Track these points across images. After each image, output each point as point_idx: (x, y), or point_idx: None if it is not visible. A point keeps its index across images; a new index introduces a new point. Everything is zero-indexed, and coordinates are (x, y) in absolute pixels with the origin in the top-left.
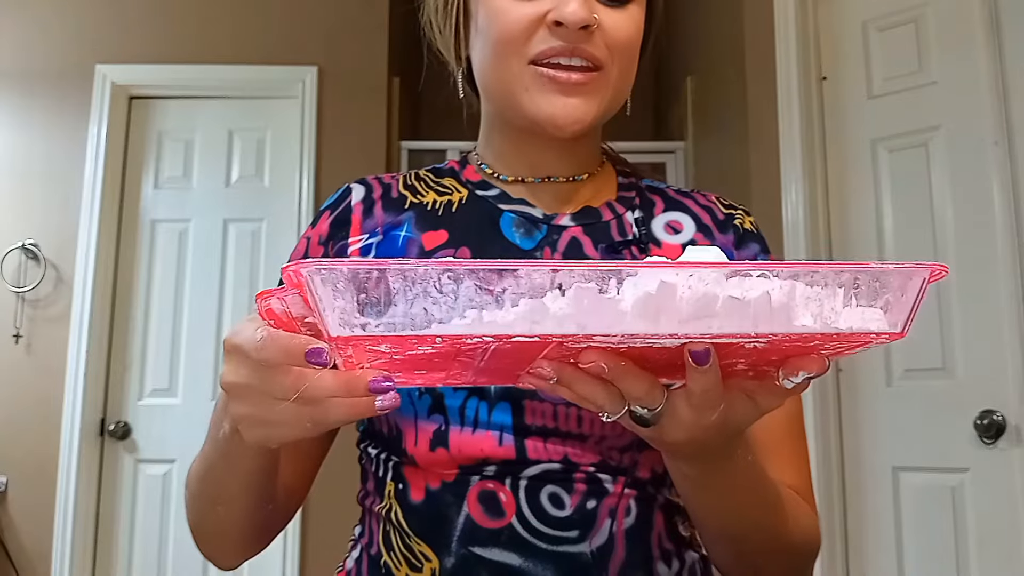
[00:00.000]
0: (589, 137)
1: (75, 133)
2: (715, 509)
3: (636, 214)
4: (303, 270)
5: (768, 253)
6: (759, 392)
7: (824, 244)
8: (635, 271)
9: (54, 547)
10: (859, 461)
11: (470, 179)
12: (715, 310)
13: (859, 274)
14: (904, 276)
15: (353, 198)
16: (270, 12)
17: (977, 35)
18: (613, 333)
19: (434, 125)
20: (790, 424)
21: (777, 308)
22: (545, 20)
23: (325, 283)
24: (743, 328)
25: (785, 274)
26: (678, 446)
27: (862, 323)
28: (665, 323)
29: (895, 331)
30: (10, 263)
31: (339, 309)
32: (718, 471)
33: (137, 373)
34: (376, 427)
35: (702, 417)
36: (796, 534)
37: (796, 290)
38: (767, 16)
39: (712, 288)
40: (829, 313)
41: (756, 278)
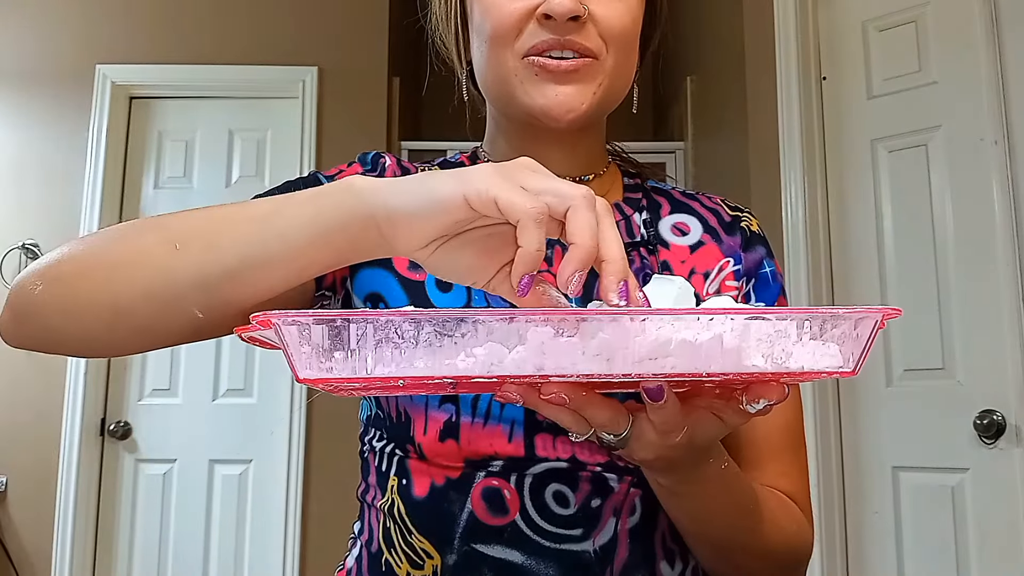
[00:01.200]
0: (592, 135)
1: (75, 133)
2: (690, 515)
3: (644, 216)
4: (274, 319)
5: (772, 256)
6: (725, 411)
7: (824, 244)
8: (590, 317)
9: (54, 547)
10: (859, 461)
11: None
12: (669, 351)
13: (810, 319)
14: (855, 319)
15: (387, 162)
16: (270, 12)
17: (977, 35)
18: (568, 374)
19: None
20: (789, 432)
21: (729, 349)
22: (535, 14)
23: (292, 331)
24: (696, 368)
25: (739, 318)
26: (647, 463)
27: (813, 362)
28: (620, 364)
29: (847, 369)
30: (10, 263)
31: (306, 354)
32: (690, 480)
33: (137, 373)
34: (383, 414)
35: (666, 439)
36: (779, 539)
37: (749, 331)
38: (767, 16)
39: (665, 332)
40: (780, 353)
41: (709, 321)
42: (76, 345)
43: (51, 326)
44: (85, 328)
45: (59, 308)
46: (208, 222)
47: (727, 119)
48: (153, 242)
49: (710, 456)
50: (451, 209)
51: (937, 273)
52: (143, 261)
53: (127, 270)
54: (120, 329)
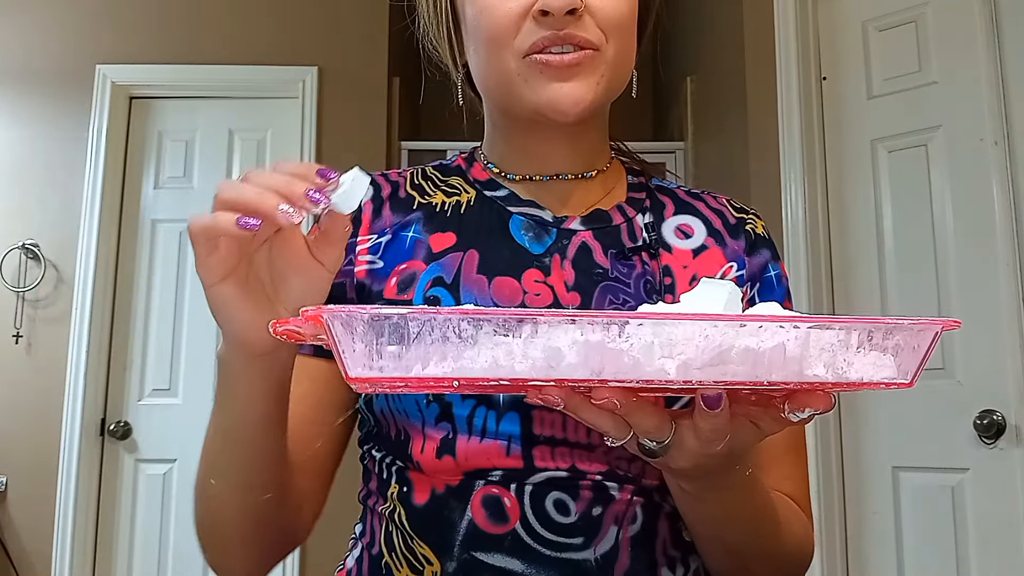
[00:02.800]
0: (593, 130)
1: (75, 133)
2: (711, 519)
3: (647, 218)
4: (323, 315)
5: (778, 259)
6: (763, 419)
7: (824, 244)
8: (652, 321)
9: (54, 547)
10: (859, 461)
11: (478, 178)
12: (730, 358)
13: (873, 328)
14: (916, 330)
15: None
16: (270, 12)
17: (977, 35)
18: (628, 379)
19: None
20: (791, 435)
21: (791, 358)
22: (531, 12)
23: (345, 327)
24: (757, 376)
25: (803, 326)
26: (683, 471)
27: (872, 373)
28: (680, 370)
29: (904, 381)
30: (10, 263)
31: (358, 352)
32: (716, 487)
33: (137, 373)
34: (382, 431)
35: (708, 448)
36: (790, 542)
37: (810, 340)
38: (767, 16)
39: (728, 337)
40: (841, 363)
41: (774, 328)
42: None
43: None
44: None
45: (224, 567)
46: (206, 443)
47: (727, 119)
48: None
49: (740, 463)
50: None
51: (937, 273)
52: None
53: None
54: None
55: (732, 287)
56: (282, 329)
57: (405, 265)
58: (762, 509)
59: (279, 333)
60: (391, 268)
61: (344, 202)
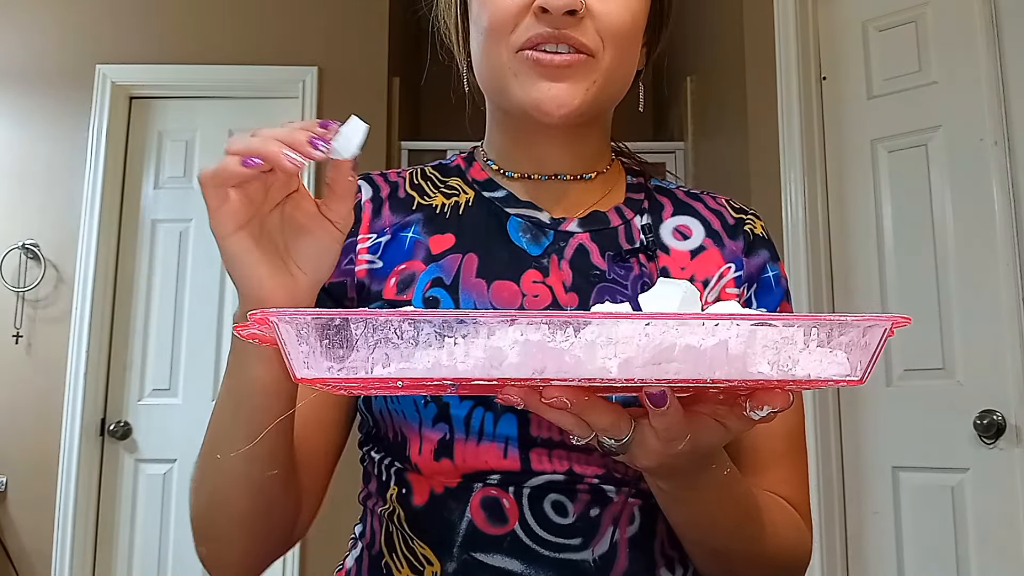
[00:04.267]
0: (594, 132)
1: (75, 133)
2: (691, 520)
3: (644, 219)
4: (271, 317)
5: (777, 260)
6: (728, 417)
7: (824, 244)
8: (592, 321)
9: (54, 547)
10: (859, 461)
11: (476, 179)
12: (672, 356)
13: (817, 326)
14: (864, 327)
15: (362, 196)
16: (270, 12)
17: (977, 35)
18: (570, 378)
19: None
20: (790, 439)
21: (734, 356)
22: (532, 8)
23: (290, 329)
24: (699, 374)
25: (745, 324)
26: (650, 470)
27: (820, 369)
28: (622, 368)
29: (854, 378)
30: (10, 263)
31: (303, 353)
32: (692, 487)
33: (137, 373)
34: (380, 432)
35: (668, 447)
36: (776, 545)
37: (755, 338)
38: (767, 16)
39: (669, 336)
40: (786, 360)
41: (714, 327)
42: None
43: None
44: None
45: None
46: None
47: (727, 119)
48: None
49: (713, 462)
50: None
51: (937, 273)
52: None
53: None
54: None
55: (688, 286)
56: (247, 333)
57: (404, 265)
58: (744, 511)
59: (246, 336)
60: (390, 268)
61: (344, 147)
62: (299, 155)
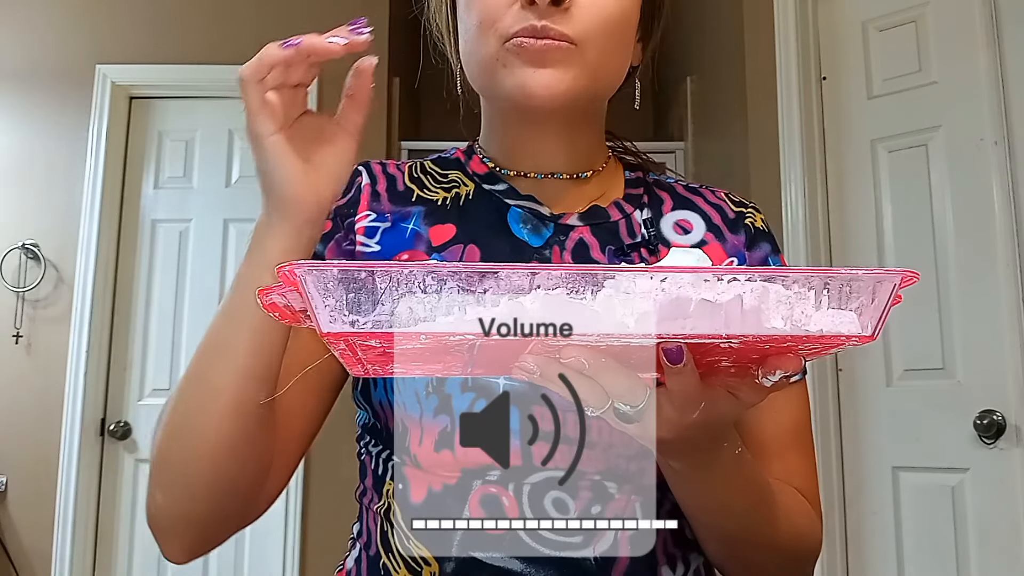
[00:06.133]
0: (588, 128)
1: (75, 133)
2: (703, 503)
3: (645, 214)
4: (296, 270)
5: (778, 252)
6: (740, 388)
7: (824, 244)
8: (611, 275)
9: (54, 547)
10: (859, 461)
11: (476, 172)
12: (688, 312)
13: (830, 279)
14: (874, 281)
15: (362, 179)
16: (270, 12)
17: (977, 35)
18: (589, 333)
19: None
20: (798, 429)
21: (748, 311)
22: (519, 0)
23: (317, 283)
24: (715, 329)
25: (758, 278)
26: (665, 443)
27: (832, 326)
28: (640, 324)
29: (865, 334)
30: (10, 263)
31: (329, 307)
32: (705, 466)
33: (137, 373)
34: (379, 423)
35: (684, 415)
36: (789, 532)
37: (768, 293)
38: (767, 16)
39: (685, 291)
40: (800, 316)
41: (728, 282)
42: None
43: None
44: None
45: (175, 512)
46: (206, 340)
47: (727, 119)
48: (189, 394)
49: (725, 440)
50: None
51: (937, 273)
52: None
53: (199, 430)
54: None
55: (700, 254)
56: (269, 300)
57: (407, 256)
58: (757, 494)
59: (266, 306)
60: (391, 255)
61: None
62: (343, 39)
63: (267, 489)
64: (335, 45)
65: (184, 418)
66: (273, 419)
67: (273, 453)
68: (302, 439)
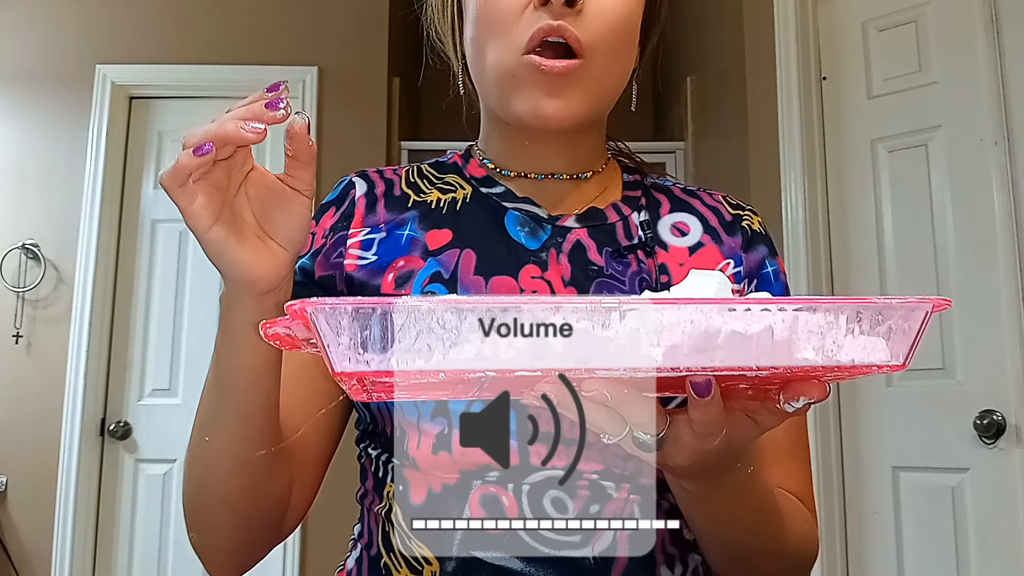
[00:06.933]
0: (590, 134)
1: (75, 133)
2: (715, 520)
3: (642, 216)
4: (308, 308)
5: (775, 255)
6: (760, 412)
7: (824, 244)
8: (637, 307)
9: (54, 547)
10: (859, 461)
11: (474, 175)
12: (717, 343)
13: (862, 308)
14: (907, 309)
15: (356, 191)
16: (270, 12)
17: (977, 35)
18: (615, 367)
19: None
20: (793, 433)
21: (779, 342)
22: (531, 1)
23: (329, 321)
24: (745, 361)
25: (789, 308)
26: (681, 468)
27: (864, 355)
28: (668, 357)
29: (896, 363)
30: (10, 263)
31: (343, 345)
32: (718, 486)
33: (137, 373)
34: (378, 427)
35: (704, 442)
36: (794, 541)
37: (798, 323)
38: (767, 16)
39: (715, 322)
40: (831, 345)
41: (760, 311)
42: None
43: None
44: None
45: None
46: (201, 402)
47: (727, 119)
48: (198, 452)
49: (739, 460)
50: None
51: (937, 273)
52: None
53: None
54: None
55: (721, 276)
56: (272, 332)
57: (403, 262)
58: (765, 508)
59: (269, 336)
60: (387, 263)
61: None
62: (259, 123)
63: (293, 512)
64: (253, 133)
65: (198, 475)
66: (282, 459)
67: (290, 486)
68: (322, 461)
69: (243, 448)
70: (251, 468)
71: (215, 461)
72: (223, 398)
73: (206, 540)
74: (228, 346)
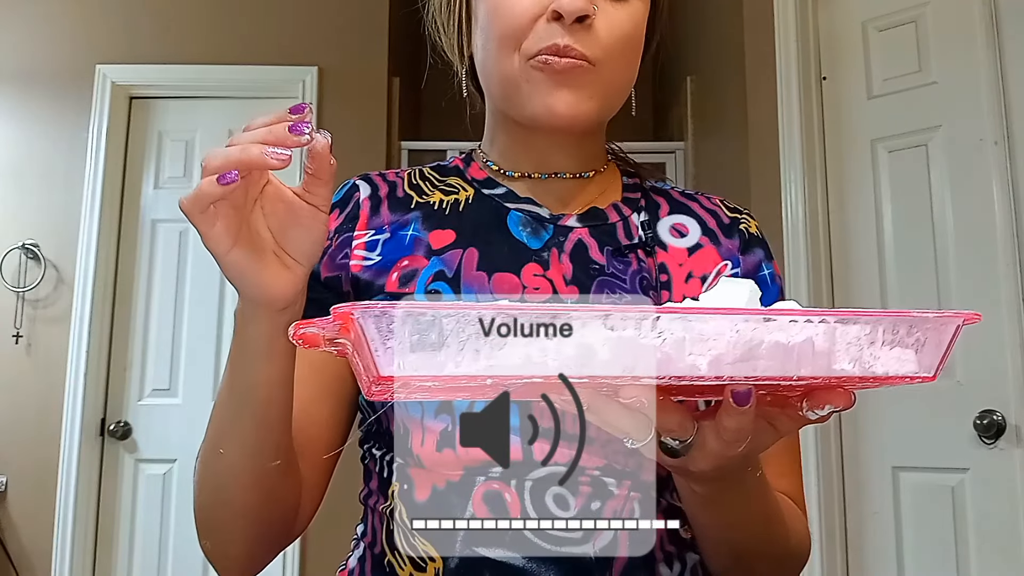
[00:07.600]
0: (593, 134)
1: (75, 133)
2: (722, 522)
3: (642, 216)
4: (354, 313)
5: (771, 259)
6: (779, 418)
7: (824, 244)
8: (682, 315)
9: (54, 547)
10: (859, 461)
11: (475, 177)
12: (760, 353)
13: (899, 321)
14: (939, 323)
15: (360, 194)
16: (270, 12)
17: (977, 35)
18: (660, 375)
19: (434, 125)
20: None
21: (819, 353)
22: (543, 15)
23: (378, 325)
24: (786, 371)
25: (831, 320)
26: (702, 473)
27: (897, 367)
28: (711, 365)
29: (928, 375)
30: (10, 263)
31: (390, 351)
32: (729, 489)
33: (137, 373)
34: (382, 427)
35: (730, 449)
36: (792, 542)
37: (836, 335)
38: (767, 16)
39: (759, 332)
40: (868, 358)
41: (802, 323)
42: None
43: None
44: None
45: (223, 553)
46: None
47: (727, 119)
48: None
49: (750, 465)
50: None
51: (937, 273)
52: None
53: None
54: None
55: (752, 285)
56: (300, 332)
57: (407, 261)
58: (770, 510)
59: (297, 337)
60: (392, 263)
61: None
62: (283, 149)
63: (303, 513)
64: (278, 160)
65: (212, 486)
66: (293, 466)
67: (300, 490)
68: (330, 464)
69: (259, 460)
70: (267, 478)
71: (231, 473)
72: (239, 412)
73: (220, 549)
74: (243, 361)
